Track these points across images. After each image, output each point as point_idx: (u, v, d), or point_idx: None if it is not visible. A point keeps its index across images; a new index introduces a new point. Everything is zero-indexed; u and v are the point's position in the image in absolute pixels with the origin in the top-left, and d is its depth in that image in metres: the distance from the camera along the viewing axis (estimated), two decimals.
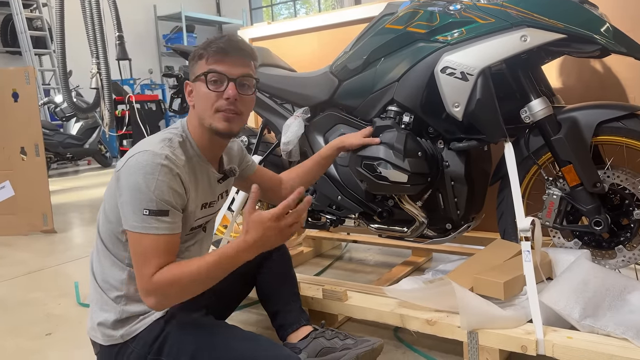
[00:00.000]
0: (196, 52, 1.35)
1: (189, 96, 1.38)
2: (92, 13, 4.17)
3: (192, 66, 1.36)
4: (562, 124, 1.63)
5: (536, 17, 1.54)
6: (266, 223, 1.19)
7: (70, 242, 3.44)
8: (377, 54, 1.83)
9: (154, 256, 1.21)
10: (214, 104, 1.32)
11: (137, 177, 1.22)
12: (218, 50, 1.32)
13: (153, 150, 1.25)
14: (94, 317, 1.37)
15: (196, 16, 10.75)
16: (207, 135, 1.37)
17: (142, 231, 1.22)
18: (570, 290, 1.45)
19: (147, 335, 1.32)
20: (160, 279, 1.20)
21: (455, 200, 1.78)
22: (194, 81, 1.35)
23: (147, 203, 1.21)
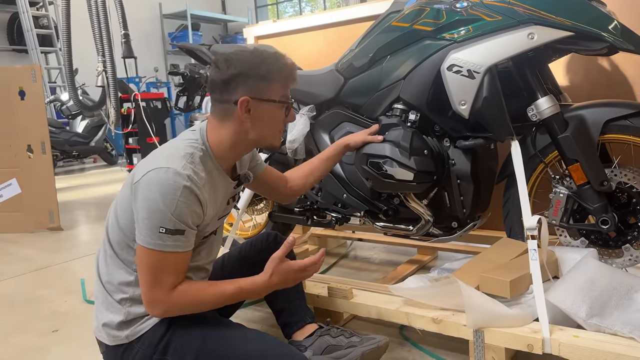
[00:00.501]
0: (268, 71, 1.31)
1: (246, 113, 1.31)
2: (98, 11, 4.18)
3: (258, 83, 1.31)
4: (569, 122, 1.62)
5: (543, 14, 1.53)
6: (291, 273, 1.33)
7: (76, 239, 3.45)
8: (383, 51, 1.82)
9: (166, 273, 1.25)
10: (280, 127, 1.41)
11: (157, 195, 1.21)
12: (292, 78, 1.38)
13: (175, 169, 1.23)
14: (99, 317, 1.38)
15: (201, 14, 10.76)
16: (242, 148, 1.39)
17: (155, 248, 1.23)
18: (577, 289, 1.44)
19: (152, 335, 1.32)
20: (179, 298, 1.26)
21: (462, 198, 1.78)
22: (260, 100, 1.32)
23: (164, 222, 1.22)
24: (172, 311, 1.29)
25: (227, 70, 1.30)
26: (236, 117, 1.33)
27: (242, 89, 1.30)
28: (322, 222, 2.15)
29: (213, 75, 1.33)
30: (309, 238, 2.76)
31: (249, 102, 1.30)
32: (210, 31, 11.57)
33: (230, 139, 1.35)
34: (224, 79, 1.31)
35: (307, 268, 1.34)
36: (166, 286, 1.25)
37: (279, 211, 2.31)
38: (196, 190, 1.25)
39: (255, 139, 1.37)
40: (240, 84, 1.30)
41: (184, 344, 1.30)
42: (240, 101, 1.30)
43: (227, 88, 1.31)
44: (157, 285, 1.25)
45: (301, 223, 2.20)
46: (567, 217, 1.69)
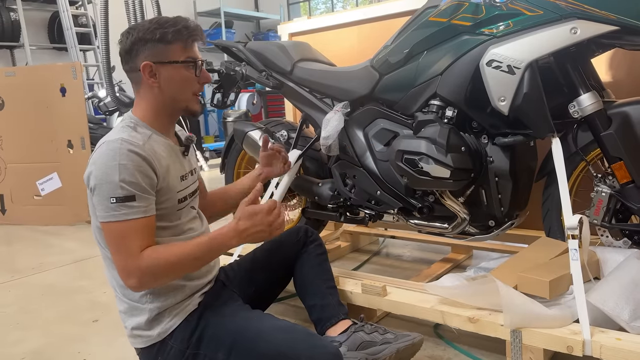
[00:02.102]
0: (164, 34, 1.33)
1: (152, 78, 1.34)
2: (135, 10, 4.28)
3: (156, 47, 1.33)
4: (613, 119, 1.57)
5: (587, 8, 1.48)
6: (258, 214, 1.28)
7: None
8: (419, 47, 1.80)
9: (130, 240, 1.23)
10: (192, 88, 1.40)
11: (99, 169, 1.23)
12: (192, 37, 1.38)
13: (108, 140, 1.27)
14: (126, 324, 1.39)
15: (235, 12, 10.85)
16: (166, 115, 1.40)
17: (112, 219, 1.22)
18: (619, 291, 1.40)
19: (184, 330, 1.33)
20: (149, 261, 1.23)
21: (499, 196, 1.74)
22: (161, 64, 1.34)
23: (112, 192, 1.22)
24: (147, 278, 1.24)
25: (127, 40, 1.35)
26: (145, 84, 1.36)
27: (143, 55, 1.34)
28: (355, 218, 2.15)
29: (119, 48, 1.39)
30: (340, 235, 2.77)
31: (151, 66, 1.33)
32: (243, 28, 11.66)
33: (151, 106, 1.38)
34: (126, 49, 1.35)
35: (271, 208, 1.30)
36: (133, 253, 1.23)
37: (312, 207, 2.32)
38: (134, 148, 1.26)
39: (170, 104, 1.39)
40: (140, 51, 1.34)
41: (216, 336, 1.32)
42: (142, 66, 1.33)
43: (130, 56, 1.35)
44: (124, 253, 1.23)
45: (334, 219, 2.20)
46: (610, 216, 1.65)
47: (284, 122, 2.49)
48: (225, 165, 2.60)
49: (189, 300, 1.38)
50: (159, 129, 1.39)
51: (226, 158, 2.59)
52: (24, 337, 1.96)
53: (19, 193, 3.87)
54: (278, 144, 1.79)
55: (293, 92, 2.21)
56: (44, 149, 3.77)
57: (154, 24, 1.35)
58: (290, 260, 1.69)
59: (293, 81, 2.20)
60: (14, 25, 7.71)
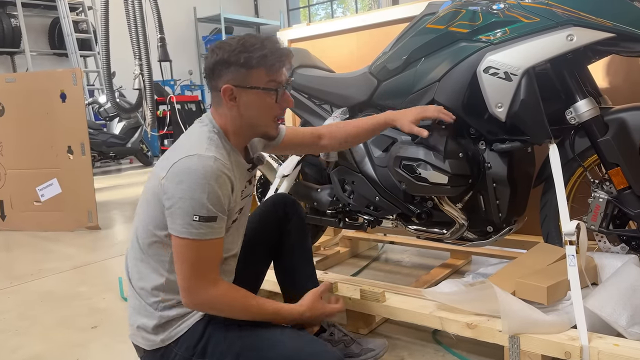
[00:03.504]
0: (248, 58, 1.29)
1: (232, 101, 1.33)
2: (135, 16, 4.28)
3: (239, 71, 1.30)
4: (610, 125, 1.58)
5: (583, 15, 1.50)
6: (320, 315, 1.41)
7: (113, 238, 3.54)
8: (417, 54, 1.82)
9: (203, 261, 1.26)
10: (273, 113, 1.38)
11: (187, 184, 1.22)
12: (279, 63, 1.33)
13: (199, 154, 1.24)
14: (132, 319, 1.39)
15: (235, 18, 10.91)
16: (243, 135, 1.39)
17: (190, 237, 1.23)
18: (617, 296, 1.41)
19: (189, 338, 1.32)
20: (218, 297, 1.28)
21: (497, 202, 1.75)
22: (242, 88, 1.31)
23: (198, 209, 1.22)
24: (207, 307, 1.29)
25: (211, 57, 1.33)
26: (225, 105, 1.34)
27: (225, 77, 1.31)
28: (354, 224, 2.16)
29: (205, 63, 1.38)
30: (340, 240, 2.77)
31: (232, 89, 1.31)
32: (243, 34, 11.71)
33: (230, 125, 1.36)
34: (209, 66, 1.34)
35: (333, 314, 1.43)
36: (207, 276, 1.26)
37: (311, 213, 2.33)
38: (226, 171, 1.26)
39: (247, 127, 1.37)
40: (222, 73, 1.31)
41: (222, 344, 1.31)
42: (223, 89, 1.31)
43: (212, 75, 1.34)
44: (195, 274, 1.26)
45: (333, 225, 2.21)
46: (607, 222, 1.65)
47: None
48: None
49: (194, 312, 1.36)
50: (235, 145, 1.38)
51: None
52: (22, 344, 1.96)
53: (19, 199, 3.88)
54: None
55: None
56: (44, 155, 3.78)
57: (240, 45, 1.30)
58: (272, 240, 1.64)
59: (292, 87, 2.21)
60: (15, 31, 7.75)
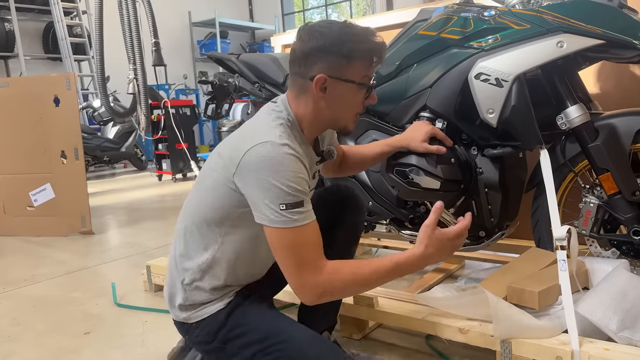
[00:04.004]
0: (352, 49, 1.22)
1: (321, 92, 1.25)
2: (130, 20, 4.30)
3: (338, 61, 1.22)
4: (600, 131, 1.60)
5: (573, 22, 1.51)
6: (446, 241, 1.22)
7: (107, 243, 3.53)
8: (410, 60, 1.83)
9: (306, 248, 1.18)
10: (357, 109, 1.32)
11: (265, 172, 1.16)
12: (378, 58, 1.28)
13: (273, 141, 1.18)
14: (166, 289, 1.42)
15: (230, 22, 10.91)
16: (320, 127, 1.34)
17: (284, 226, 1.17)
18: (607, 301, 1.42)
19: (210, 324, 1.33)
20: (333, 277, 1.19)
21: (489, 207, 1.76)
22: (337, 80, 1.24)
23: (283, 198, 1.15)
24: (328, 293, 1.21)
25: (309, 42, 1.23)
26: (311, 94, 1.26)
27: (321, 65, 1.22)
28: None
29: (294, 45, 1.27)
30: None
31: (326, 80, 1.23)
32: (238, 39, 11.72)
33: (309, 115, 1.29)
34: (304, 51, 1.23)
35: (461, 234, 1.23)
36: (311, 264, 1.18)
37: None
38: (299, 156, 1.20)
39: (329, 120, 1.32)
40: (319, 60, 1.22)
41: (244, 336, 1.30)
42: (316, 78, 1.22)
43: (306, 62, 1.24)
44: (302, 265, 1.18)
45: None
46: (598, 227, 1.67)
47: None
48: None
49: (221, 299, 1.35)
50: (307, 136, 1.33)
51: None
52: (14, 350, 1.95)
53: (12, 204, 3.86)
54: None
55: None
56: (37, 160, 3.77)
57: (343, 33, 1.22)
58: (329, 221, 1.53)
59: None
60: (9, 35, 7.72)
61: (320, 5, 12.33)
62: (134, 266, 2.89)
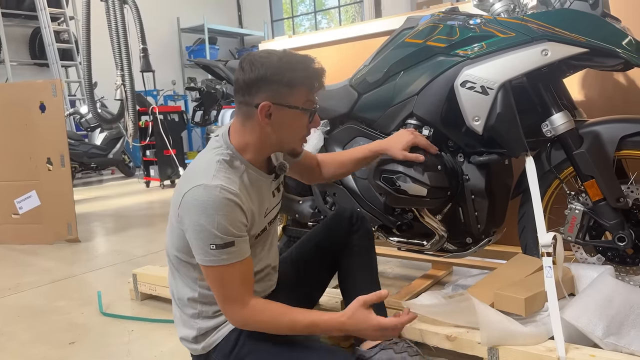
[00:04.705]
0: (293, 78, 1.28)
1: (266, 118, 1.30)
2: (117, 26, 4.27)
3: (280, 89, 1.28)
4: (584, 138, 1.61)
5: (557, 31, 1.53)
6: (368, 329, 1.29)
7: (93, 251, 3.50)
8: (396, 67, 1.84)
9: (232, 284, 1.28)
10: (302, 132, 1.39)
11: (198, 216, 1.23)
12: (319, 83, 1.34)
13: (205, 184, 1.24)
14: (178, 330, 1.47)
15: (218, 28, 10.90)
16: (267, 152, 1.40)
17: (213, 264, 1.26)
18: (593, 307, 1.43)
19: (225, 346, 1.38)
20: (254, 315, 1.30)
21: (476, 214, 1.77)
22: (281, 106, 1.30)
23: (212, 239, 1.24)
24: (249, 326, 1.33)
25: (251, 72, 1.28)
26: (257, 121, 1.31)
27: (264, 93, 1.28)
28: None
29: (237, 75, 1.32)
30: None
31: (270, 107, 1.29)
32: (227, 45, 11.71)
33: (255, 141, 1.34)
34: (247, 81, 1.29)
35: (392, 328, 1.29)
36: (237, 299, 1.29)
37: (292, 225, 2.32)
38: (232, 197, 1.25)
39: (276, 144, 1.37)
40: (262, 88, 1.28)
41: (256, 352, 1.35)
42: (261, 106, 1.28)
43: (249, 91, 1.29)
44: (228, 299, 1.29)
45: None
46: (583, 233, 1.68)
47: None
48: None
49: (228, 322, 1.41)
50: (254, 163, 1.38)
51: None
52: None
53: None
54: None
55: None
56: (23, 167, 3.73)
57: (284, 63, 1.28)
58: (336, 251, 1.63)
59: None
60: None
61: (309, 12, 12.37)
62: (120, 274, 2.86)
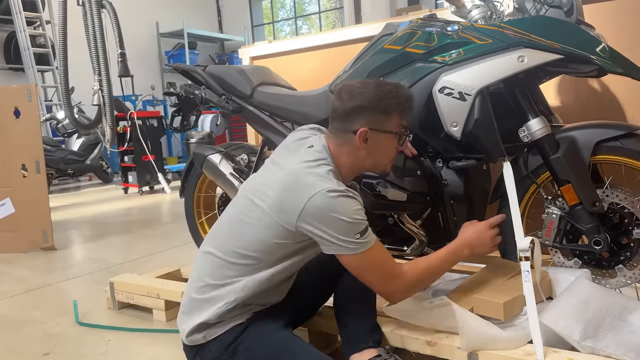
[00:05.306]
0: (388, 105, 1.44)
1: (364, 143, 1.45)
2: (95, 30, 4.21)
3: (377, 116, 1.44)
4: (561, 143, 1.63)
5: (533, 37, 1.55)
6: (480, 228, 1.57)
7: (70, 259, 3.43)
8: (376, 73, 1.84)
9: (385, 261, 1.42)
10: (392, 155, 1.54)
11: (337, 216, 1.33)
12: (410, 112, 1.52)
13: (333, 188, 1.34)
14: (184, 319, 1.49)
15: (198, 33, 10.83)
16: (357, 172, 1.56)
17: (364, 249, 1.36)
18: (570, 311, 1.44)
19: (225, 339, 1.43)
20: (413, 274, 1.45)
21: (455, 219, 1.78)
22: (377, 131, 1.45)
23: (355, 229, 1.35)
24: (416, 287, 1.49)
25: (350, 102, 1.44)
26: (353, 145, 1.46)
27: (363, 120, 1.44)
28: None
29: (337, 105, 1.47)
30: None
31: (367, 132, 1.44)
32: (207, 49, 11.64)
33: (349, 163, 1.49)
34: (346, 110, 1.45)
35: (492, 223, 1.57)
36: (395, 270, 1.42)
37: None
38: (351, 194, 1.38)
39: (369, 166, 1.53)
40: (360, 116, 1.44)
41: (250, 351, 1.41)
42: (360, 132, 1.43)
43: (348, 118, 1.45)
44: (388, 276, 1.42)
45: None
46: (560, 237, 1.70)
47: (245, 146, 2.48)
48: (185, 189, 2.57)
49: (241, 316, 1.46)
50: (344, 179, 1.49)
51: (186, 182, 2.56)
52: None
53: None
54: None
55: (253, 115, 2.21)
56: None
57: (379, 92, 1.44)
58: (334, 274, 1.65)
59: (253, 105, 2.20)
60: None
61: (290, 17, 12.38)
62: (97, 283, 2.80)
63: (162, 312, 2.16)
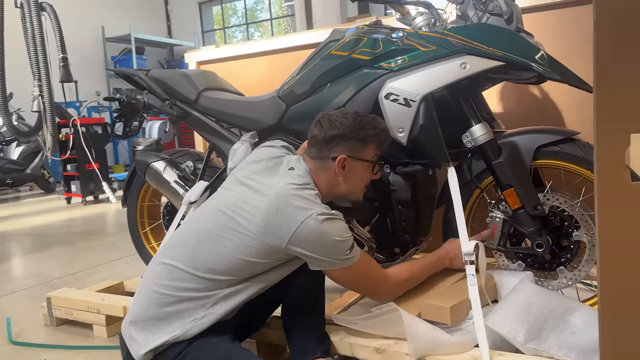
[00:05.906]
0: (366, 135, 1.52)
1: (341, 169, 1.52)
2: (34, 34, 4.03)
3: (355, 145, 1.52)
4: (503, 148, 1.67)
5: (475, 45, 1.58)
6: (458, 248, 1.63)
7: (6, 274, 3.24)
8: (323, 79, 1.83)
9: (371, 269, 1.53)
10: (366, 183, 1.61)
11: (328, 238, 1.39)
12: (386, 142, 1.60)
13: (322, 211, 1.40)
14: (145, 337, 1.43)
15: (146, 38, 10.58)
16: (335, 198, 1.62)
17: (353, 262, 1.45)
18: (514, 313, 1.46)
19: (172, 351, 1.41)
20: (397, 279, 1.57)
21: (403, 224, 1.78)
22: (355, 159, 1.53)
23: (345, 246, 1.43)
24: (401, 288, 1.61)
25: (330, 130, 1.51)
26: (331, 171, 1.53)
27: (342, 148, 1.51)
28: None
29: (317, 132, 1.54)
30: None
31: (345, 159, 1.51)
32: (155, 55, 11.39)
33: (324, 188, 1.55)
34: (326, 138, 1.52)
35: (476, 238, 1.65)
36: (380, 275, 1.53)
37: None
38: (336, 216, 1.45)
39: (343, 192, 1.58)
40: (340, 144, 1.51)
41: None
42: (338, 159, 1.51)
43: (328, 146, 1.52)
44: (376, 280, 1.53)
45: None
46: (504, 240, 1.73)
47: (190, 152, 2.42)
48: (128, 198, 2.48)
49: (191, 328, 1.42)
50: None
51: (128, 191, 2.47)
52: None
53: None
54: None
55: (199, 121, 2.15)
56: None
57: (358, 122, 1.52)
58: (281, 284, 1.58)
59: (198, 110, 2.15)
60: None
61: (241, 24, 12.30)
62: (34, 298, 2.65)
63: (103, 327, 2.06)
